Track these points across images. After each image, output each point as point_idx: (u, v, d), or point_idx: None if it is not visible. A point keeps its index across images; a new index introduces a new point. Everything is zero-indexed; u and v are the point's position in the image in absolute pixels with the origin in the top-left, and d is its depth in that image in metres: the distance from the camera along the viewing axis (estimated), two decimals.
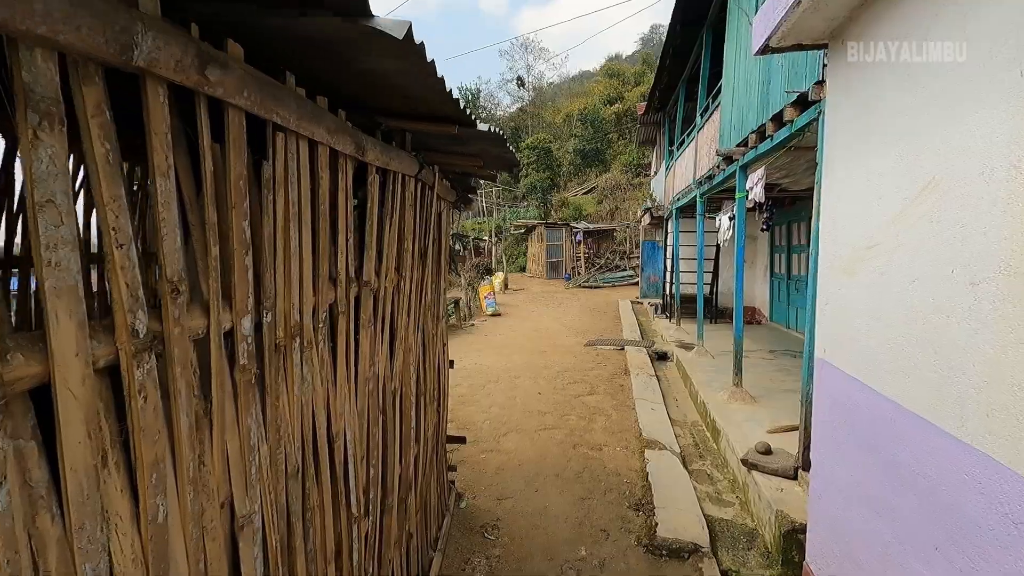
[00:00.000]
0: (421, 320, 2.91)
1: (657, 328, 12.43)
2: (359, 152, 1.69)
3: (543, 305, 16.00)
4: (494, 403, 6.53)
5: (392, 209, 2.20)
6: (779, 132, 4.91)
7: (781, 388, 6.88)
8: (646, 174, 31.40)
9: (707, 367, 7.97)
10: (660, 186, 13.94)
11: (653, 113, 14.00)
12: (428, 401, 3.13)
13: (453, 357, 8.43)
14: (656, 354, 9.59)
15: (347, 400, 1.81)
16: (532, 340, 10.65)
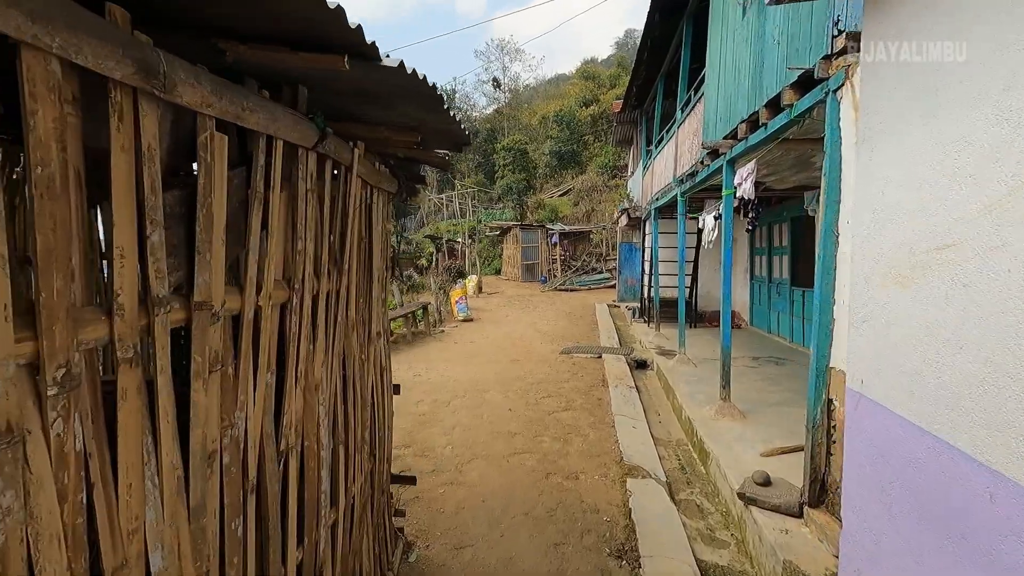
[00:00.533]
0: (341, 344, 2.19)
1: (635, 333, 11.85)
2: (153, 81, 0.97)
3: (518, 309, 15.33)
4: (459, 423, 5.81)
5: (267, 191, 1.48)
6: (775, 120, 4.31)
7: (770, 401, 6.32)
8: (622, 176, 31.02)
9: (690, 377, 7.39)
10: (637, 186, 13.41)
11: (630, 111, 13.45)
12: (356, 448, 2.42)
13: (418, 367, 7.73)
14: (635, 362, 8.99)
15: (151, 500, 1.08)
16: (505, 348, 9.96)
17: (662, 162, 9.84)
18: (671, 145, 8.88)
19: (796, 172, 6.80)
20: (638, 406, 6.50)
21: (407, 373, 7.93)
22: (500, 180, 31.88)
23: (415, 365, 8.47)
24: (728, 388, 5.82)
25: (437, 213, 34.44)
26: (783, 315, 10.22)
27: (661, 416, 6.60)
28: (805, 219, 9.32)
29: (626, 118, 14.15)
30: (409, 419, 5.87)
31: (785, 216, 9.92)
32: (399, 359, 8.84)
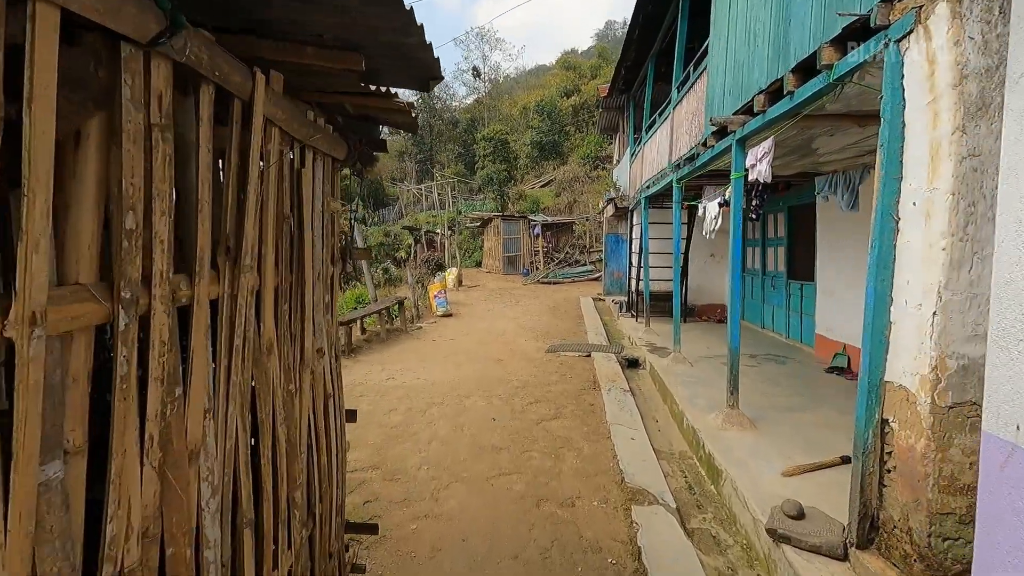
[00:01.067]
0: (246, 376, 1.45)
1: (623, 328, 11.23)
2: None
3: (500, 303, 14.61)
4: (436, 436, 5.08)
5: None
6: (806, 86, 3.64)
7: (778, 405, 5.73)
8: (604, 167, 30.41)
9: (688, 378, 6.77)
10: (624, 175, 12.75)
11: (617, 96, 12.76)
12: (282, 519, 1.68)
13: (393, 369, 6.98)
14: (626, 361, 8.35)
15: None
16: (487, 345, 9.24)
17: (654, 147, 9.18)
18: (665, 128, 8.21)
19: (801, 157, 6.18)
20: (635, 413, 5.84)
21: (380, 376, 7.17)
22: (480, 171, 31.01)
23: (389, 366, 7.70)
24: (736, 394, 5.19)
25: (416, 204, 33.47)
26: (778, 310, 9.67)
27: (660, 423, 5.96)
28: (804, 208, 8.76)
29: (612, 103, 13.46)
30: (380, 432, 5.12)
31: (782, 205, 9.35)
32: (371, 360, 8.07)
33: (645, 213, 10.04)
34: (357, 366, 7.64)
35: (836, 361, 7.37)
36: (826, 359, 7.76)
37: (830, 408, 5.57)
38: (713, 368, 7.39)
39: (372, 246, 24.31)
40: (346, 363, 7.74)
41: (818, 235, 8.13)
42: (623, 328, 11.26)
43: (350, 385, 6.65)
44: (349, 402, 6.09)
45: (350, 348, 8.14)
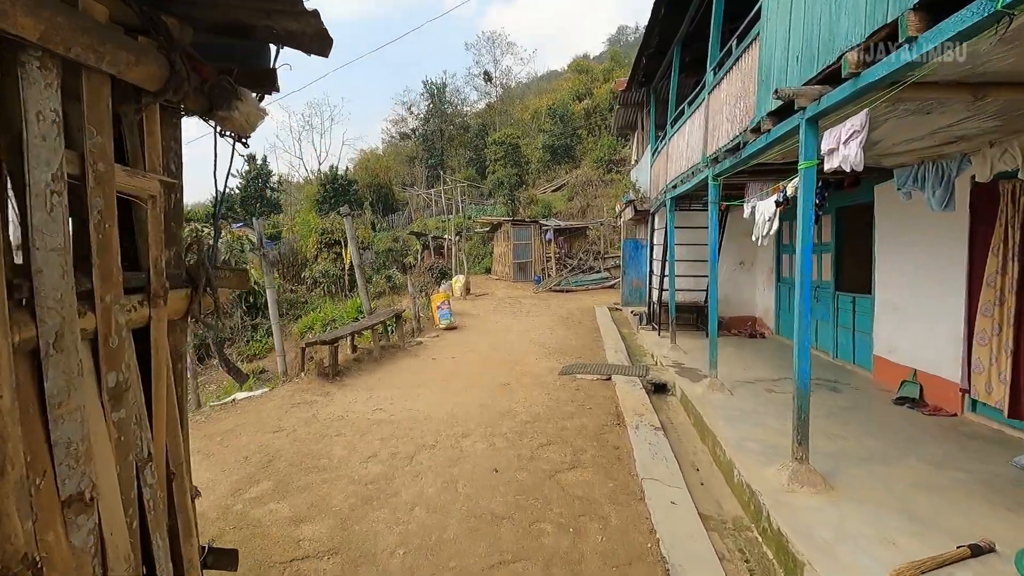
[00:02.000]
0: None
1: (645, 344, 10.03)
2: None
3: (509, 314, 13.46)
4: (422, 497, 3.94)
5: None
6: (944, 25, 2.47)
7: (851, 453, 4.55)
8: (618, 170, 29.19)
9: (730, 411, 5.58)
10: (644, 175, 11.58)
11: (635, 90, 11.60)
12: None
13: (382, 396, 5.96)
14: (652, 386, 7.16)
15: None
16: (492, 365, 8.10)
17: (682, 141, 8.01)
18: (698, 118, 7.04)
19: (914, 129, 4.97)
20: (671, 461, 4.66)
21: (365, 406, 6.05)
22: (491, 175, 29.95)
23: (378, 393, 6.58)
24: (806, 445, 4.00)
25: (426, 209, 32.51)
26: (823, 325, 8.43)
27: (701, 472, 4.77)
28: (856, 210, 7.53)
29: (631, 98, 12.29)
30: (350, 493, 3.99)
31: (828, 207, 8.10)
32: (359, 385, 6.96)
33: (671, 216, 8.85)
34: (341, 393, 6.53)
35: (905, 390, 6.13)
36: (888, 385, 6.54)
37: (920, 458, 4.35)
38: (757, 397, 6.19)
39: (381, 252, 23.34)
40: (329, 390, 6.64)
41: (877, 240, 6.90)
42: (645, 344, 10.06)
43: (327, 420, 5.54)
44: (323, 444, 4.97)
45: (335, 371, 7.03)
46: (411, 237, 24.14)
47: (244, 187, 36.13)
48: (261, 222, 6.85)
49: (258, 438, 4.94)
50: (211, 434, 5.07)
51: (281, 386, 6.75)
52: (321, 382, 6.72)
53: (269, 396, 6.32)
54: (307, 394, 6.32)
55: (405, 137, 43.40)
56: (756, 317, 10.89)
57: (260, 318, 18.89)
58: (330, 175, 31.71)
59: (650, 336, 10.37)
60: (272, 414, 5.66)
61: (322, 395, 6.34)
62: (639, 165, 12.58)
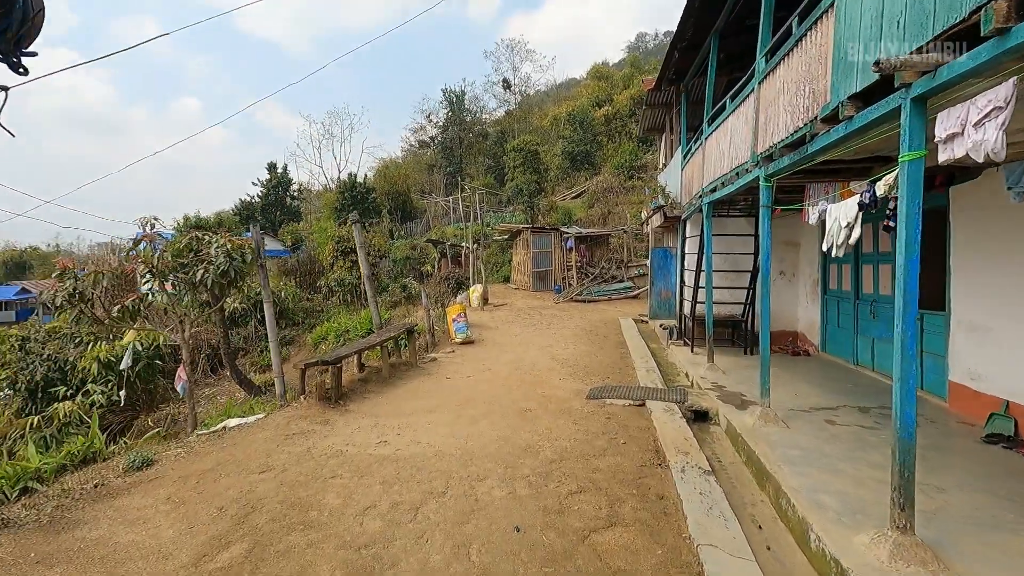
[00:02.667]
0: None
1: (678, 362, 9.14)
2: None
3: (529, 326, 12.65)
4: (425, 570, 3.15)
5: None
6: None
7: (954, 511, 3.71)
8: (640, 177, 28.30)
9: (791, 452, 4.71)
10: (674, 179, 10.72)
11: (665, 89, 10.77)
12: None
13: (387, 426, 5.39)
14: (692, 413, 6.29)
15: None
16: (512, 387, 7.30)
17: (724, 139, 7.16)
18: (745, 112, 6.19)
19: None
20: (731, 520, 3.79)
21: (368, 438, 5.29)
22: (510, 182, 29.26)
23: (385, 421, 5.82)
24: (911, 509, 3.12)
25: (444, 216, 31.94)
26: (883, 344, 7.46)
27: (765, 529, 3.90)
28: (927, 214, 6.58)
29: (659, 98, 11.45)
30: (340, 559, 3.21)
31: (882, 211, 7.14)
32: (364, 411, 6.21)
33: (708, 222, 7.98)
34: (342, 421, 5.78)
35: (996, 426, 5.17)
36: (970, 417, 5.59)
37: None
38: (819, 432, 5.28)
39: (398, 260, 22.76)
40: (329, 417, 5.90)
41: (953, 249, 5.97)
42: (677, 361, 9.16)
43: (323, 457, 4.79)
44: (314, 490, 4.17)
45: (338, 395, 6.29)
46: (428, 245, 23.51)
47: (265, 195, 36.03)
48: (258, 229, 6.19)
49: (240, 481, 4.20)
50: (187, 475, 4.35)
51: (277, 412, 6.03)
52: (322, 407, 5.99)
53: (262, 424, 5.61)
54: (305, 422, 5.59)
55: (424, 145, 43.04)
56: (798, 332, 9.92)
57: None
58: (348, 183, 31.34)
59: (682, 352, 9.47)
60: (261, 448, 4.93)
61: (321, 423, 5.61)
62: (668, 169, 11.73)
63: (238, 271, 7.00)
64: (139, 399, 13.76)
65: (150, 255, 6.69)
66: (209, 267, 6.98)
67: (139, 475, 4.40)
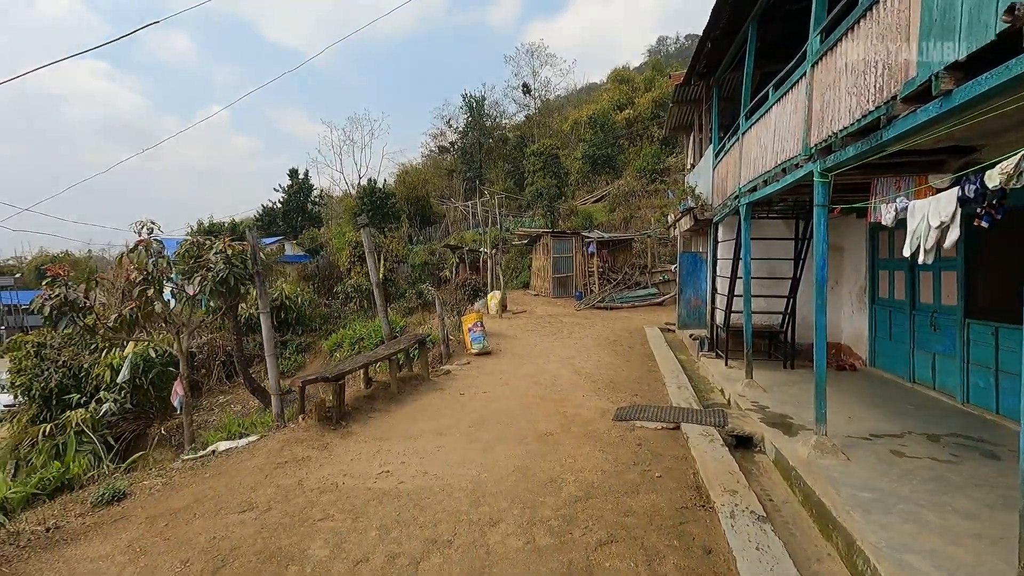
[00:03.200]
0: None
1: (710, 375, 8.38)
2: None
3: (549, 335, 11.96)
4: None
5: None
6: None
7: None
8: (663, 180, 27.41)
9: (860, 493, 3.97)
10: (705, 179, 9.97)
11: (694, 84, 10.02)
12: None
13: (391, 452, 4.59)
14: (734, 439, 5.55)
15: None
16: (531, 404, 6.64)
17: (763, 134, 6.42)
18: (793, 100, 5.46)
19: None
20: None
21: (369, 467, 4.67)
22: (529, 186, 28.61)
23: (389, 446, 5.20)
24: None
25: (463, 222, 31.45)
26: (945, 360, 6.61)
27: None
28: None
29: (688, 95, 10.71)
30: None
31: None
32: (367, 433, 5.59)
33: (745, 224, 7.23)
34: (342, 446, 5.17)
35: None
36: None
37: None
38: (889, 467, 4.51)
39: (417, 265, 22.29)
40: (328, 440, 5.31)
41: None
42: (710, 375, 8.40)
43: (315, 491, 4.19)
44: (299, 536, 3.10)
45: (340, 414, 5.70)
46: (447, 250, 23.00)
47: (286, 201, 36.02)
48: (255, 234, 5.68)
49: (215, 524, 3.62)
50: (158, 515, 3.78)
51: (273, 434, 5.47)
52: (321, 429, 5.40)
53: (253, 449, 5.04)
54: (300, 447, 5.01)
55: (444, 151, 42.71)
56: (841, 345, 9.05)
57: (290, 334, 18.04)
58: (368, 188, 31.07)
59: (715, 365, 8.70)
60: (247, 480, 4.36)
61: (319, 448, 5.02)
62: (697, 169, 10.98)
63: (239, 278, 6.46)
64: (152, 407, 13.46)
65: (144, 261, 6.21)
66: (207, 274, 6.47)
67: (105, 512, 3.87)
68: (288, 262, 26.76)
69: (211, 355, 16.09)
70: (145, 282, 6.39)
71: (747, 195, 7.03)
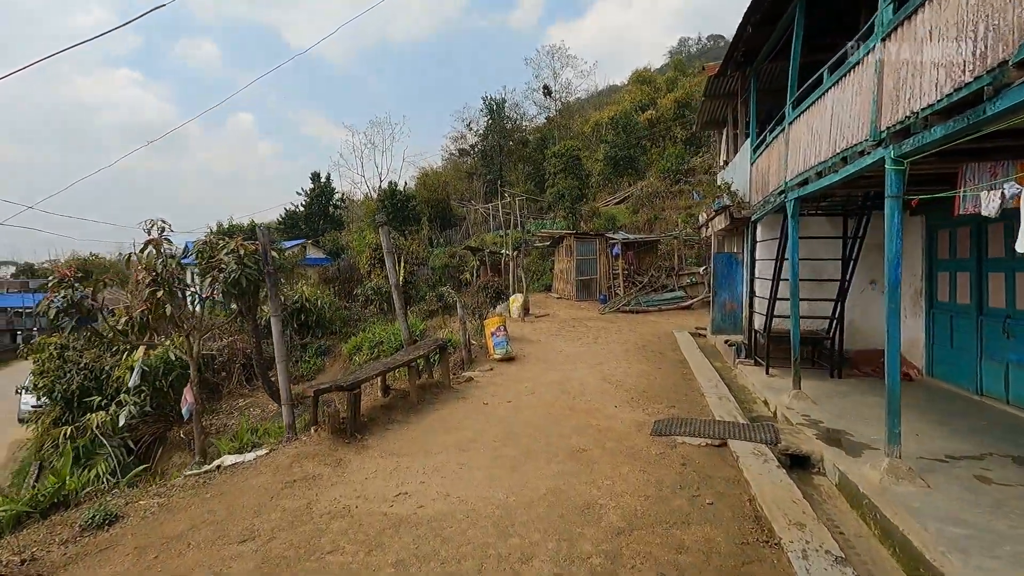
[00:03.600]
0: None
1: (751, 385, 7.76)
2: None
3: (574, 339, 11.41)
4: None
5: None
6: None
7: None
8: (688, 180, 26.64)
9: (951, 530, 3.37)
10: (742, 175, 9.34)
11: (730, 75, 9.40)
12: None
13: (409, 471, 4.01)
14: (788, 458, 4.96)
15: None
16: (560, 415, 6.12)
17: (819, 120, 5.81)
18: (857, 80, 4.87)
19: None
20: None
21: (386, 486, 4.20)
22: (551, 188, 28.08)
23: (408, 462, 4.72)
24: None
25: (483, 224, 31.04)
26: (1020, 371, 5.92)
27: None
28: None
29: (723, 87, 10.09)
30: None
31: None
32: (384, 448, 5.12)
33: (793, 222, 6.63)
34: (357, 462, 4.72)
35: None
36: None
37: None
38: (977, 497, 3.90)
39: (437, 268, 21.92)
40: (342, 455, 4.85)
41: None
42: (750, 385, 7.77)
43: (325, 515, 3.73)
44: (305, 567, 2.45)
45: (355, 427, 5.25)
46: (467, 253, 22.59)
47: (308, 204, 36.10)
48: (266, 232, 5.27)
49: (212, 556, 3.18)
50: (149, 544, 3.36)
51: (283, 447, 5.04)
52: (334, 442, 4.96)
53: (261, 465, 4.62)
54: (312, 463, 4.57)
55: (464, 153, 42.41)
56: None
57: (310, 337, 17.78)
58: (388, 191, 30.91)
59: (755, 374, 8.06)
60: (252, 500, 3.93)
61: (331, 464, 4.57)
62: (731, 166, 10.35)
63: (251, 279, 6.07)
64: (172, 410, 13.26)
65: (153, 261, 5.87)
66: (219, 275, 6.09)
67: (92, 540, 3.47)
68: (310, 264, 26.68)
69: (231, 358, 15.87)
70: (155, 283, 6.04)
71: (795, 189, 6.42)
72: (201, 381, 15.61)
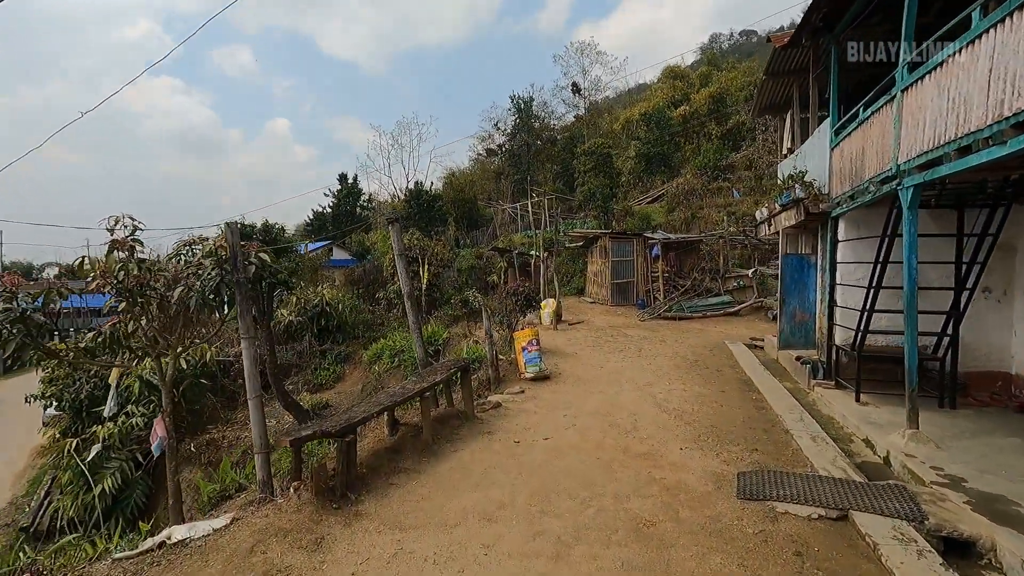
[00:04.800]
0: None
1: (838, 415, 6.23)
2: None
3: (614, 351, 9.97)
4: None
5: None
6: None
7: None
8: (726, 177, 24.80)
9: None
10: (818, 163, 7.77)
11: (802, 46, 7.84)
12: None
13: (415, 553, 2.74)
14: (941, 541, 3.48)
15: None
16: (611, 462, 4.74)
17: (957, 83, 4.29)
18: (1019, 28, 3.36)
19: None
20: None
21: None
22: (581, 187, 26.57)
23: (414, 541, 3.42)
24: None
25: (511, 224, 29.74)
26: None
27: None
28: None
29: (789, 63, 8.53)
30: None
31: None
32: (384, 513, 3.82)
33: (910, 214, 5.09)
34: (345, 541, 3.43)
35: None
36: None
37: None
38: None
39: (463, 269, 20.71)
40: (325, 529, 3.57)
41: None
42: (838, 415, 6.24)
43: None
44: None
45: (347, 482, 3.94)
46: (494, 254, 21.31)
47: (336, 205, 35.44)
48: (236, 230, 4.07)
49: None
50: None
51: (252, 513, 3.79)
52: (319, 509, 3.69)
53: (212, 549, 3.37)
54: (281, 545, 3.31)
55: (492, 153, 41.18)
56: (1013, 375, 6.68)
57: (330, 342, 16.76)
58: (415, 191, 29.89)
59: (840, 400, 6.52)
60: None
61: (309, 545, 3.31)
62: (800, 154, 8.77)
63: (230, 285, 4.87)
64: (183, 421, 12.36)
65: (114, 266, 4.73)
66: (196, 283, 4.92)
67: None
68: (336, 266, 25.84)
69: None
70: (118, 294, 4.91)
71: (915, 174, 4.90)
72: (219, 388, 14.77)
